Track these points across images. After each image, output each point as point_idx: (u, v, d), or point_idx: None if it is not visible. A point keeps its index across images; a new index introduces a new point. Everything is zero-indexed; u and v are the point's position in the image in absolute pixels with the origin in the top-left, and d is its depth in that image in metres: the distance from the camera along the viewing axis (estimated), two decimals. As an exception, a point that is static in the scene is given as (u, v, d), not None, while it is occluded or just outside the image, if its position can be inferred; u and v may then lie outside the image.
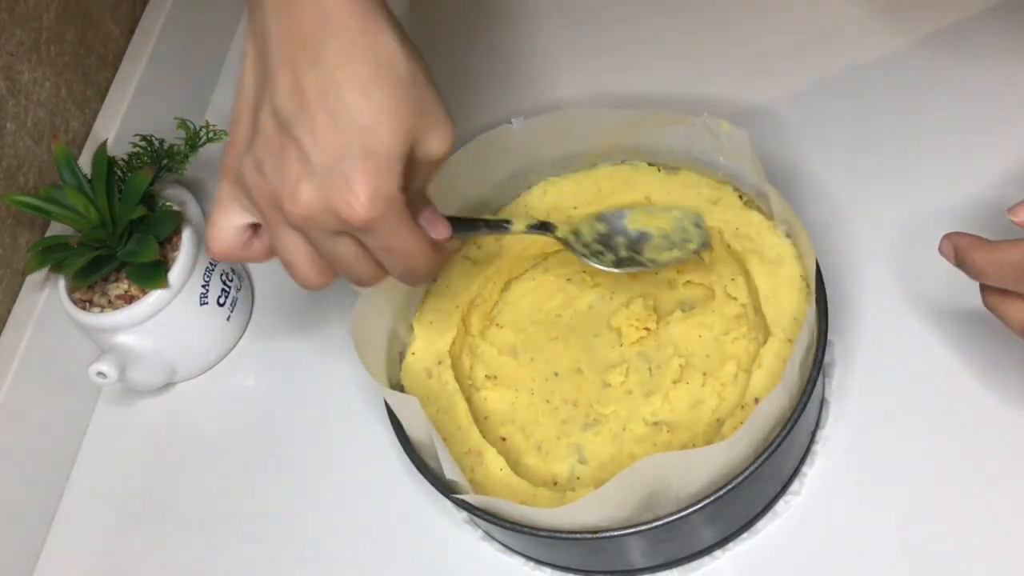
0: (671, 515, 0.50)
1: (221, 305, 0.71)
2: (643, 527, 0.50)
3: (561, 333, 0.61)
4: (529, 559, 0.58)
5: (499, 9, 0.85)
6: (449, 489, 0.52)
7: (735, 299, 0.58)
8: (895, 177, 0.66)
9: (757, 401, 0.53)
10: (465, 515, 0.60)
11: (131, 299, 0.66)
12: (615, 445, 0.56)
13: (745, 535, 0.56)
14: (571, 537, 0.50)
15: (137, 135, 0.72)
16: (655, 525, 0.50)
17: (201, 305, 0.69)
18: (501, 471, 0.54)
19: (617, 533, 0.50)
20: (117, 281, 0.68)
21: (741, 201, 0.60)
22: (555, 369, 0.60)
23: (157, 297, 0.66)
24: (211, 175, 0.82)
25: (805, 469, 0.57)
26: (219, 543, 0.65)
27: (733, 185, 0.60)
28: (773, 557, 0.55)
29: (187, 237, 0.68)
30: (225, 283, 0.71)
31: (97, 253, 0.65)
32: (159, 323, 0.67)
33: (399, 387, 0.59)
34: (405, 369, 0.59)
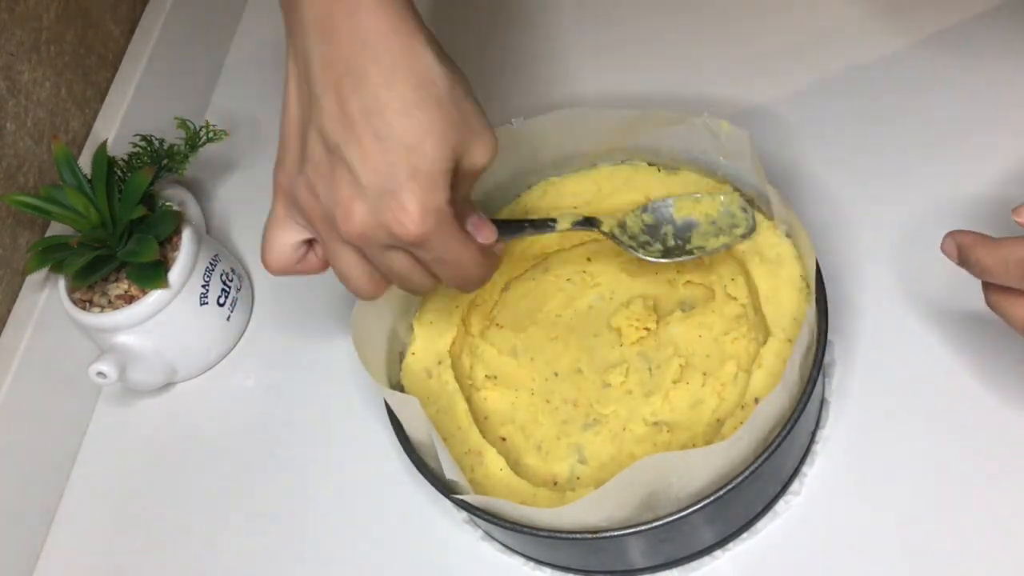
0: (671, 515, 0.50)
1: (221, 305, 0.70)
2: (643, 527, 0.50)
3: (561, 333, 0.61)
4: (529, 559, 0.58)
5: (498, 10, 0.85)
6: (449, 489, 0.52)
7: (735, 299, 0.58)
8: (895, 177, 0.66)
9: (757, 401, 0.53)
10: (465, 515, 0.60)
11: (131, 299, 0.66)
12: (615, 445, 0.56)
13: (745, 535, 0.56)
14: (571, 537, 0.50)
15: (137, 135, 0.72)
16: (655, 525, 0.50)
17: (201, 305, 0.69)
18: (501, 471, 0.54)
19: (617, 533, 0.50)
20: (117, 281, 0.68)
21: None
22: (555, 369, 0.60)
23: (157, 297, 0.66)
24: (211, 175, 0.82)
25: (805, 469, 0.57)
26: (219, 543, 0.65)
27: (733, 185, 0.60)
28: (773, 557, 0.55)
29: (187, 237, 0.68)
30: (225, 283, 0.71)
31: (97, 253, 0.65)
32: (159, 323, 0.67)
33: (399, 387, 0.59)
34: (405, 369, 0.59)
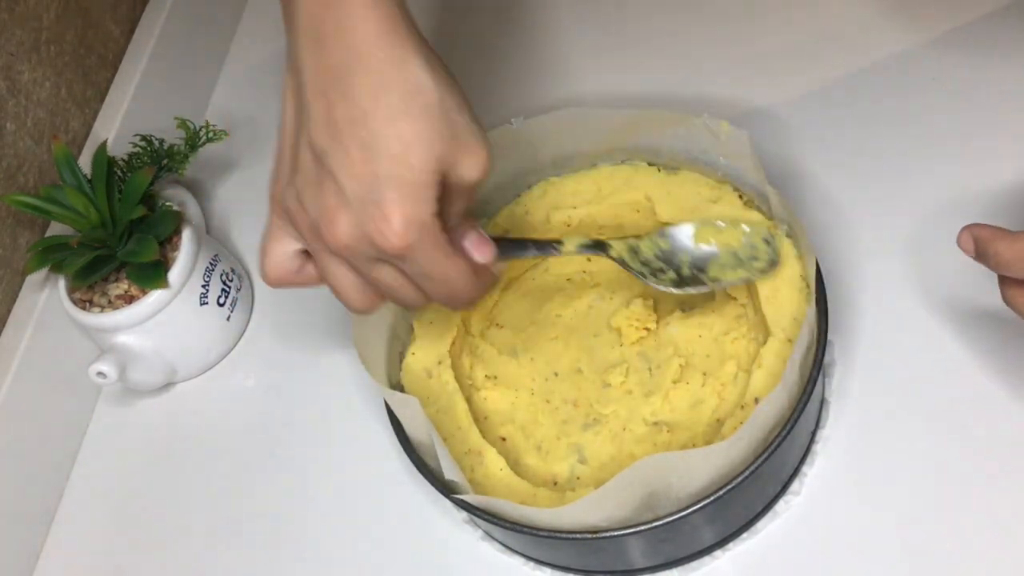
0: (671, 515, 0.50)
1: (221, 305, 0.70)
2: (643, 527, 0.50)
3: (561, 333, 0.61)
4: (529, 559, 0.58)
5: (498, 11, 0.85)
6: (449, 489, 0.52)
7: (735, 299, 0.58)
8: (895, 178, 0.66)
9: (757, 401, 0.53)
10: (465, 515, 0.60)
11: (131, 299, 0.66)
12: (615, 445, 0.56)
13: (745, 535, 0.56)
14: (571, 537, 0.50)
15: (137, 135, 0.72)
16: (655, 525, 0.50)
17: (201, 305, 0.69)
18: (501, 471, 0.54)
19: (617, 533, 0.50)
20: (117, 281, 0.68)
21: (741, 201, 0.60)
22: (555, 369, 0.60)
23: (157, 297, 0.66)
24: (211, 175, 0.82)
25: (805, 469, 0.57)
26: (219, 543, 0.65)
27: (733, 185, 0.60)
28: (773, 557, 0.55)
29: (187, 237, 0.68)
30: (225, 283, 0.71)
31: (97, 253, 0.65)
32: (159, 323, 0.67)
33: (399, 387, 0.59)
34: (405, 369, 0.59)
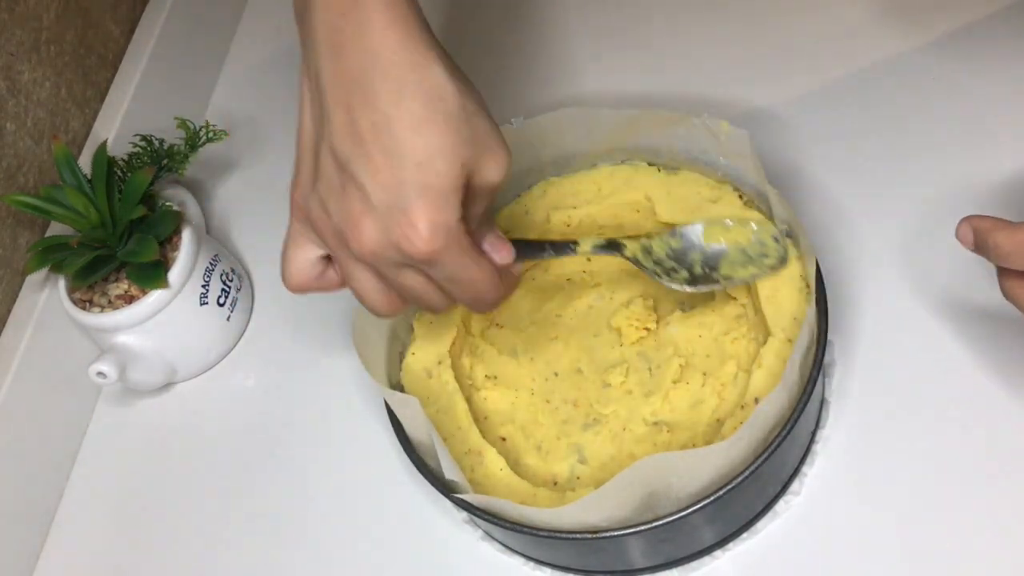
0: (671, 515, 0.50)
1: (221, 305, 0.70)
2: (643, 527, 0.50)
3: (561, 333, 0.61)
4: (529, 559, 0.58)
5: (498, 11, 0.85)
6: (449, 489, 0.52)
7: (735, 299, 0.58)
8: (895, 178, 0.66)
9: (757, 401, 0.53)
10: (465, 515, 0.60)
11: (131, 299, 0.66)
12: (615, 445, 0.56)
13: (745, 535, 0.56)
14: (571, 537, 0.50)
15: (137, 135, 0.72)
16: (655, 525, 0.50)
17: (201, 305, 0.69)
18: (501, 471, 0.54)
19: (617, 533, 0.50)
20: (117, 281, 0.68)
21: (741, 201, 0.60)
22: (555, 369, 0.60)
23: (157, 297, 0.66)
24: (211, 175, 0.82)
25: (805, 469, 0.57)
26: (219, 543, 0.65)
27: (733, 185, 0.60)
28: (773, 557, 0.55)
29: (187, 237, 0.68)
30: (225, 283, 0.71)
31: (97, 253, 0.65)
32: (159, 323, 0.67)
33: (399, 387, 0.59)
34: (405, 369, 0.59)
